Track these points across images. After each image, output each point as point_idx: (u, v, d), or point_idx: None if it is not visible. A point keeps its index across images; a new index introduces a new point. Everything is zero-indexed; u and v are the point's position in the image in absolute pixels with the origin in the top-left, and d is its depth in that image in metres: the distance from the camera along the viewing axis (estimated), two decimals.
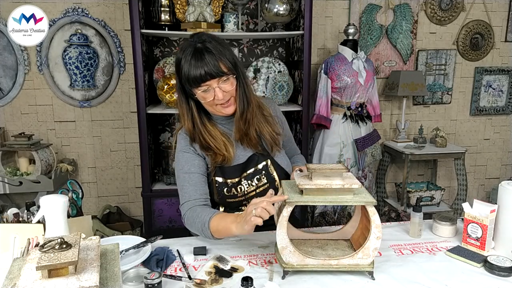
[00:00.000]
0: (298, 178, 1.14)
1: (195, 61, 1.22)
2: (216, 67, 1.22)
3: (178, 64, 1.27)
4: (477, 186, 3.48)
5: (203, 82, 1.23)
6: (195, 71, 1.21)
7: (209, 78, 1.22)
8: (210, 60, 1.21)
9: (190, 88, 1.26)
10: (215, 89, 1.24)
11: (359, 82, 2.60)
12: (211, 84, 1.23)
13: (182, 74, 1.25)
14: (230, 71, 1.26)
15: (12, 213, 1.26)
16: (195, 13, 2.47)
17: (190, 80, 1.23)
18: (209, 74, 1.21)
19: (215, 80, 1.23)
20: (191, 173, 1.33)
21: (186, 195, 1.32)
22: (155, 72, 2.69)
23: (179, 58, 1.26)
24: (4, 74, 2.61)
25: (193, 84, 1.24)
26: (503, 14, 3.17)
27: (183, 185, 1.33)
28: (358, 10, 2.95)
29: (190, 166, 1.34)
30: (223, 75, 1.24)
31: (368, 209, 1.09)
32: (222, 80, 1.24)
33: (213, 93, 1.25)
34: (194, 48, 1.23)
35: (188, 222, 1.30)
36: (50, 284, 0.75)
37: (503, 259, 1.16)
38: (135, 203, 2.94)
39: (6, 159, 2.55)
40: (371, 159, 2.76)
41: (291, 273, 1.12)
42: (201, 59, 1.21)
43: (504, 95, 3.33)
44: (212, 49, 1.23)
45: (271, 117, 1.44)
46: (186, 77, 1.24)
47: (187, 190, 1.32)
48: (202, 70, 1.21)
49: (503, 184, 1.26)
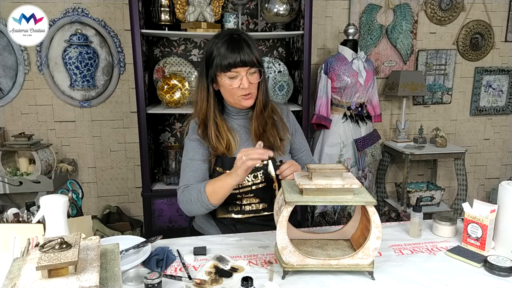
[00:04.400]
0: (298, 178, 1.14)
1: (232, 47, 1.29)
2: (250, 57, 1.30)
3: (211, 48, 1.33)
4: (477, 186, 3.48)
5: (234, 67, 1.29)
6: (231, 56, 1.28)
7: (241, 65, 1.29)
8: (246, 49, 1.30)
9: (219, 72, 1.32)
10: (243, 77, 1.31)
11: (359, 82, 2.60)
12: (240, 72, 1.30)
13: (215, 57, 1.30)
14: (260, 65, 1.34)
15: (12, 213, 1.26)
16: (195, 13, 2.47)
17: (223, 63, 1.29)
18: (242, 61, 1.29)
19: (245, 69, 1.30)
20: (194, 160, 1.39)
21: (185, 179, 1.38)
22: (155, 72, 2.69)
23: (214, 43, 1.33)
24: (4, 74, 2.61)
25: (225, 68, 1.30)
26: (503, 14, 3.17)
27: (184, 170, 1.39)
28: (358, 10, 2.95)
29: (194, 153, 1.39)
30: (253, 66, 1.32)
31: (368, 209, 1.08)
32: (250, 71, 1.32)
33: (239, 81, 1.31)
34: (231, 36, 1.32)
35: (183, 199, 1.35)
36: (50, 284, 0.75)
37: (503, 259, 1.16)
38: (135, 203, 2.94)
39: (6, 159, 2.55)
40: (371, 159, 2.76)
41: (291, 273, 1.12)
42: (238, 46, 1.29)
43: (504, 95, 3.33)
44: (248, 40, 1.33)
45: (281, 122, 1.48)
46: (220, 60, 1.30)
47: (187, 175, 1.38)
48: (237, 56, 1.28)
49: (503, 184, 1.26)
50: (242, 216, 1.43)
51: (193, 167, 1.38)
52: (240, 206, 1.42)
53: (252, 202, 1.42)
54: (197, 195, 1.30)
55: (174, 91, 2.52)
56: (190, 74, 2.74)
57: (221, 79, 1.33)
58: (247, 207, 1.42)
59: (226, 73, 1.31)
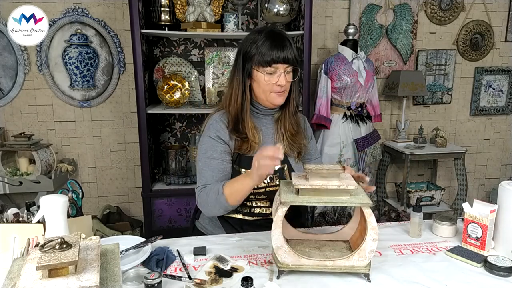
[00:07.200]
0: (294, 178, 1.13)
1: (276, 43, 1.29)
2: (292, 54, 1.31)
3: (251, 42, 1.32)
4: (477, 186, 3.48)
5: (276, 63, 1.29)
6: (275, 50, 1.28)
7: (282, 62, 1.29)
8: (289, 46, 1.31)
9: (257, 66, 1.31)
10: (281, 74, 1.31)
11: (359, 82, 2.60)
12: (279, 68, 1.30)
13: (255, 52, 1.30)
14: (298, 64, 1.36)
15: (12, 213, 1.26)
16: (195, 13, 2.47)
17: (265, 59, 1.29)
18: (285, 57, 1.29)
19: (285, 66, 1.31)
20: (212, 159, 1.35)
21: (204, 179, 1.35)
22: (155, 72, 2.69)
23: (254, 37, 1.32)
24: (4, 74, 2.61)
25: (265, 63, 1.29)
26: (503, 14, 3.17)
27: (203, 169, 1.36)
28: (358, 10, 2.95)
29: (213, 152, 1.36)
30: (293, 64, 1.33)
31: (364, 211, 1.08)
32: (288, 69, 1.32)
33: (277, 78, 1.31)
34: (273, 32, 1.33)
35: (201, 201, 1.33)
36: (50, 284, 0.75)
37: (503, 259, 1.16)
38: (135, 203, 2.94)
39: (6, 159, 2.54)
40: (371, 159, 2.76)
41: (291, 273, 1.12)
42: (281, 42, 1.30)
43: (504, 95, 3.33)
44: (289, 39, 1.33)
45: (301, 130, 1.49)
46: (261, 55, 1.29)
47: (205, 174, 1.35)
48: (281, 51, 1.28)
49: (503, 184, 1.26)
50: (250, 218, 1.41)
51: (211, 166, 1.34)
52: (250, 208, 1.40)
53: (262, 205, 1.40)
54: (215, 197, 1.28)
55: (174, 91, 2.53)
56: (190, 74, 2.74)
57: (257, 74, 1.32)
58: (256, 210, 1.41)
59: (266, 68, 1.30)
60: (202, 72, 2.76)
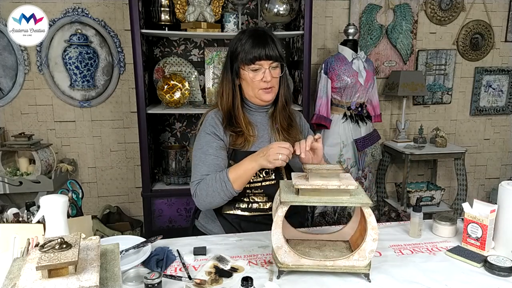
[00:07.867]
0: (294, 178, 1.13)
1: (257, 41, 1.35)
2: (274, 51, 1.35)
3: (236, 41, 1.39)
4: (477, 186, 3.48)
5: (258, 60, 1.34)
6: (256, 48, 1.34)
7: (265, 59, 1.34)
8: (271, 43, 1.35)
9: (243, 65, 1.36)
10: (266, 70, 1.35)
11: (359, 82, 2.60)
12: (263, 65, 1.35)
13: (240, 51, 1.36)
14: (282, 60, 1.39)
15: (12, 213, 1.26)
16: (195, 13, 2.47)
17: (248, 57, 1.34)
18: (266, 55, 1.34)
19: (268, 62, 1.35)
20: (208, 155, 1.38)
21: (198, 173, 1.37)
22: (155, 72, 2.69)
23: (239, 38, 1.39)
24: (4, 74, 2.61)
25: (249, 61, 1.35)
26: (503, 14, 3.17)
27: (197, 164, 1.39)
28: (358, 10, 2.95)
29: (208, 147, 1.39)
30: (276, 60, 1.37)
31: (364, 211, 1.08)
32: (273, 65, 1.37)
33: (262, 74, 1.36)
34: (256, 31, 1.39)
35: (201, 192, 1.34)
36: (50, 284, 0.75)
37: (503, 259, 1.16)
38: (135, 203, 2.94)
39: (6, 159, 2.54)
40: (371, 159, 2.76)
41: (291, 273, 1.12)
42: (263, 40, 1.35)
43: (504, 95, 3.33)
44: (272, 36, 1.39)
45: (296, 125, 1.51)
46: (244, 53, 1.35)
47: (200, 169, 1.37)
48: (262, 49, 1.34)
49: (503, 184, 1.26)
50: (248, 214, 1.43)
51: (206, 162, 1.37)
52: (248, 203, 1.42)
53: (259, 200, 1.42)
54: (220, 184, 1.30)
55: (174, 91, 2.52)
56: (190, 74, 2.74)
57: (244, 73, 1.37)
58: (254, 205, 1.42)
59: (250, 66, 1.35)
60: (202, 72, 2.76)
